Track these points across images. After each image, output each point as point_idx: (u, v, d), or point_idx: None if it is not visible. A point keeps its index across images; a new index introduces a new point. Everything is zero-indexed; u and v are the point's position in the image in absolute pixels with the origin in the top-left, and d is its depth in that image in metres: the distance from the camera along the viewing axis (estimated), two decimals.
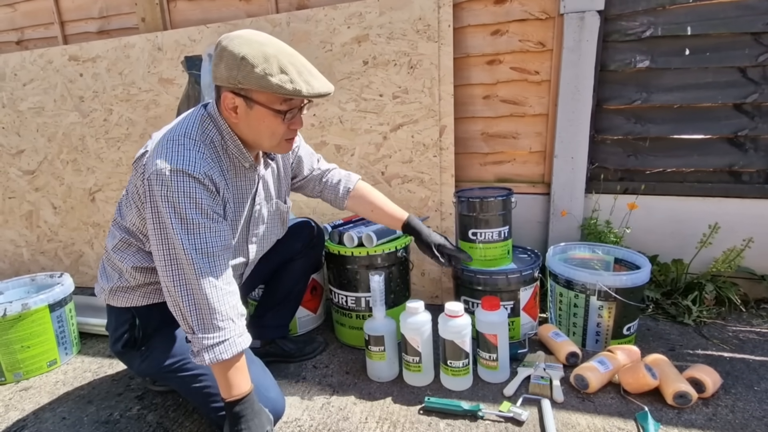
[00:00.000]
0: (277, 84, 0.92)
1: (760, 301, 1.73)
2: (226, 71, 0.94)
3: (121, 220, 1.10)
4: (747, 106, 1.66)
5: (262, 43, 0.93)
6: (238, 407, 0.97)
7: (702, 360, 1.38)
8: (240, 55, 0.91)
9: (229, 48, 0.93)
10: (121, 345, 1.15)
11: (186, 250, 0.92)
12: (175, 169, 0.92)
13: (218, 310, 0.94)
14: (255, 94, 0.96)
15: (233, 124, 1.03)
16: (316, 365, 1.49)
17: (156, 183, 0.92)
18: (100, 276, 1.18)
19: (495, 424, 1.15)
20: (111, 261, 1.13)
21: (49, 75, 2.18)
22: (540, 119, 1.84)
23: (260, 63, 0.91)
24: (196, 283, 0.93)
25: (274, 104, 0.97)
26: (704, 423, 1.12)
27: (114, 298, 1.13)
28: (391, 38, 1.75)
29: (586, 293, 1.42)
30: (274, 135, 1.02)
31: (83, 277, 2.34)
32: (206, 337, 0.93)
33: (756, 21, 1.58)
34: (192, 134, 1.00)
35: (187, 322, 0.95)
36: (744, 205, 1.69)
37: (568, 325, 1.50)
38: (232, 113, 0.99)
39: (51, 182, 2.29)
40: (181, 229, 0.92)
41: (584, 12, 1.66)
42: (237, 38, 0.94)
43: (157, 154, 0.95)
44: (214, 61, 0.96)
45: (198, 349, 0.94)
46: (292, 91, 0.92)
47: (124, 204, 1.10)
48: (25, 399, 1.41)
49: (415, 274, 1.87)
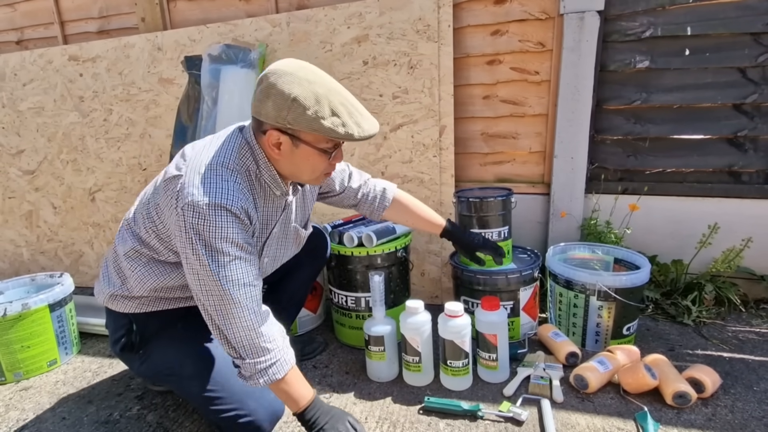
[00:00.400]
0: (329, 127, 0.90)
1: (760, 302, 1.73)
2: (274, 110, 0.90)
3: (134, 226, 1.08)
4: (746, 107, 1.66)
5: (312, 82, 0.90)
6: (308, 415, 1.00)
7: (701, 360, 1.38)
8: (291, 95, 0.88)
9: (278, 86, 0.89)
10: (119, 348, 1.15)
11: (223, 284, 0.91)
12: (213, 203, 0.90)
13: (264, 333, 0.95)
14: (303, 134, 0.94)
15: (272, 157, 1.00)
16: (315, 365, 1.49)
17: (192, 215, 0.90)
18: (102, 277, 1.16)
19: (495, 424, 1.15)
20: (118, 266, 1.12)
21: (49, 75, 2.18)
22: (540, 119, 1.84)
23: (312, 105, 0.89)
24: (239, 313, 0.93)
25: (320, 143, 0.96)
26: (704, 423, 1.12)
27: (113, 303, 1.12)
28: (391, 38, 1.75)
29: (585, 293, 1.42)
30: (315, 171, 1.02)
31: (83, 277, 2.34)
32: (258, 362, 0.94)
33: (756, 21, 1.58)
34: (229, 164, 0.96)
35: (236, 350, 0.95)
36: (743, 205, 1.69)
37: (567, 325, 1.50)
38: (275, 149, 0.97)
39: (51, 182, 2.29)
40: (218, 264, 0.91)
41: (584, 12, 1.66)
42: (286, 75, 0.90)
43: (194, 183, 0.92)
44: (259, 97, 0.93)
45: (251, 373, 0.95)
46: (345, 135, 0.91)
47: (140, 212, 1.06)
48: (25, 399, 1.41)
49: (414, 274, 1.87)
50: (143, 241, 1.06)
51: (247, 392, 1.08)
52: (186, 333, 1.14)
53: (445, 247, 1.83)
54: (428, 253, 1.87)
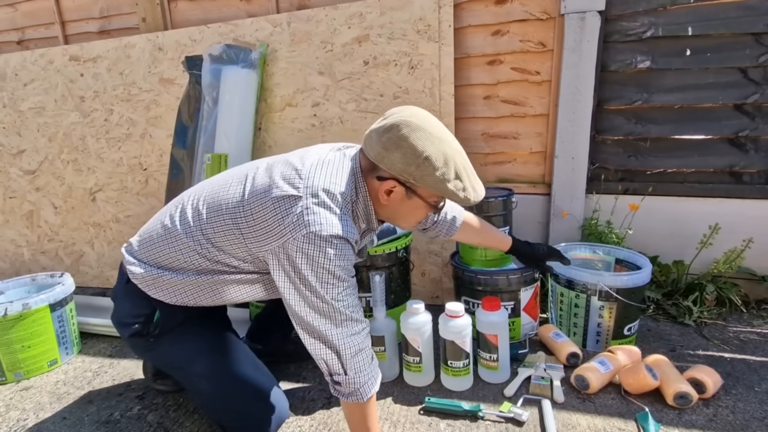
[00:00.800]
0: (452, 191, 0.92)
1: (761, 302, 1.73)
2: (402, 163, 0.90)
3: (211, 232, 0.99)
4: (748, 107, 1.66)
5: (441, 140, 0.91)
6: None
7: (702, 361, 1.38)
8: (424, 154, 0.88)
9: (410, 140, 0.88)
10: (129, 333, 1.09)
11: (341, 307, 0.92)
12: (337, 234, 0.89)
13: (365, 349, 0.96)
14: (420, 190, 0.95)
15: (375, 199, 1.00)
16: (315, 366, 1.48)
17: (318, 244, 0.88)
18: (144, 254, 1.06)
19: (495, 425, 1.15)
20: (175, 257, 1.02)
21: (50, 75, 2.18)
22: (541, 119, 1.83)
23: (441, 166, 0.89)
24: (352, 330, 0.94)
25: (431, 198, 0.97)
26: (705, 424, 1.11)
27: (151, 286, 1.04)
28: (391, 38, 1.75)
29: (587, 293, 1.42)
30: (416, 220, 1.04)
31: (84, 277, 2.34)
32: (360, 375, 0.94)
33: (757, 21, 1.58)
34: (346, 193, 0.95)
35: (342, 366, 0.94)
36: (744, 205, 1.69)
37: (568, 325, 1.50)
38: (384, 195, 0.96)
39: (52, 182, 2.29)
40: (337, 290, 0.92)
41: (585, 12, 1.66)
42: (419, 131, 0.89)
43: (317, 211, 0.89)
44: (386, 145, 0.90)
45: (352, 389, 0.94)
46: (463, 199, 0.93)
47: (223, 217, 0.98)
48: (25, 399, 1.41)
49: (415, 275, 1.86)
50: (223, 250, 0.99)
51: (255, 393, 1.07)
52: (201, 329, 1.13)
53: (446, 248, 1.83)
54: (429, 253, 1.86)
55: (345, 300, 0.93)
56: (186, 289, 1.04)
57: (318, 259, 0.89)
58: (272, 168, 0.98)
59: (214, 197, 1.01)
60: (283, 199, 0.91)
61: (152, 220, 1.11)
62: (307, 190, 0.91)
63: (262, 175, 0.98)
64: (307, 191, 0.91)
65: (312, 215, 0.89)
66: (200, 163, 1.89)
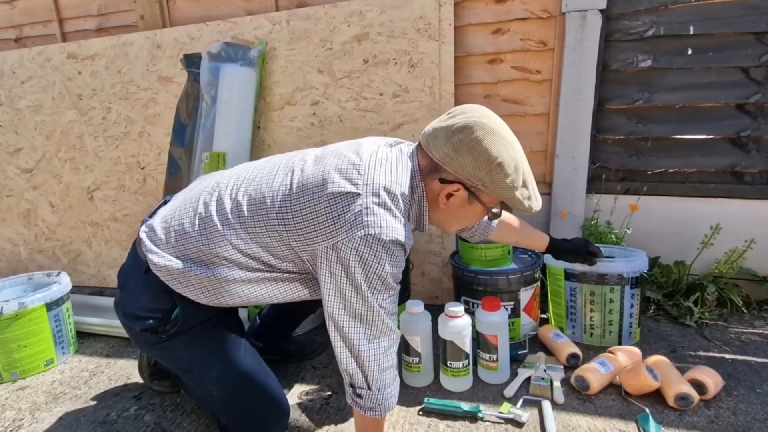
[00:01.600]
0: (519, 199, 0.90)
1: (762, 303, 1.72)
2: (472, 168, 0.86)
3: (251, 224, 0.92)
4: (749, 107, 1.65)
5: (513, 146, 0.89)
6: None
7: (703, 361, 1.37)
8: (498, 160, 0.85)
9: (484, 144, 0.85)
10: (140, 328, 0.99)
11: (380, 314, 0.88)
12: (396, 240, 0.85)
13: (395, 362, 0.94)
14: (485, 196, 0.92)
15: (431, 201, 0.95)
16: (315, 366, 1.48)
17: (375, 247, 0.83)
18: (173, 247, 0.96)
19: (495, 426, 1.14)
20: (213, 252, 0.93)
21: (48, 73, 2.17)
22: (541, 119, 1.83)
23: (512, 173, 0.87)
24: (387, 344, 0.91)
25: (491, 204, 0.95)
26: (706, 425, 1.11)
27: (178, 281, 0.95)
28: (391, 37, 1.74)
29: (621, 284, 1.40)
30: (469, 224, 1.01)
31: (81, 276, 2.33)
32: (383, 392, 0.91)
33: (759, 21, 1.57)
34: (406, 194, 0.90)
35: (367, 381, 0.91)
36: (746, 206, 1.68)
37: (602, 325, 1.46)
38: (444, 198, 0.92)
39: (49, 180, 2.28)
40: (383, 296, 0.88)
41: (586, 11, 1.65)
42: (492, 134, 0.85)
43: (378, 213, 0.84)
44: (455, 146, 0.86)
45: (373, 405, 0.91)
46: (527, 208, 0.92)
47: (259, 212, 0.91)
48: (21, 398, 1.39)
49: (414, 275, 1.86)
50: (254, 239, 0.92)
51: (265, 400, 1.06)
52: (218, 331, 1.06)
53: (446, 247, 1.82)
54: (428, 253, 1.85)
55: (387, 307, 0.90)
56: (214, 287, 0.95)
57: (372, 263, 0.84)
58: (324, 160, 0.91)
59: (256, 188, 0.93)
60: (340, 195, 0.84)
61: (178, 204, 1.00)
62: (368, 187, 0.85)
63: (312, 167, 0.90)
64: (368, 189, 0.85)
65: (372, 216, 0.83)
66: (198, 161, 1.88)
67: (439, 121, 0.90)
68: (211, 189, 0.99)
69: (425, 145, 0.92)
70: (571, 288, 1.48)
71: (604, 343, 1.46)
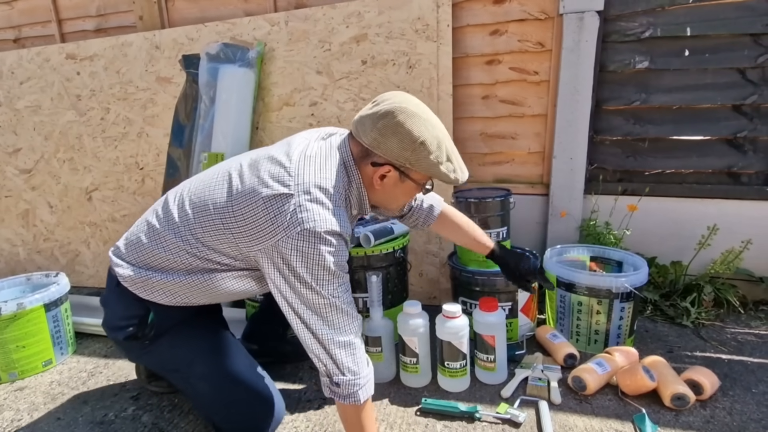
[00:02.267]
0: (444, 172, 0.96)
1: (759, 303, 1.73)
2: (398, 149, 0.92)
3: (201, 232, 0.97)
4: (746, 108, 1.66)
5: (434, 126, 0.94)
6: None
7: (700, 362, 1.38)
8: (420, 139, 0.91)
9: (406, 126, 0.91)
10: (123, 336, 1.06)
11: (338, 306, 0.92)
12: (332, 231, 0.89)
13: (362, 347, 0.97)
14: (414, 174, 0.98)
15: (368, 185, 1.01)
16: (312, 366, 1.48)
17: (313, 241, 0.88)
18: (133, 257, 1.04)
19: (492, 426, 1.14)
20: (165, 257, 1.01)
21: (46, 73, 2.17)
22: (539, 120, 1.83)
23: (435, 150, 0.93)
24: (350, 329, 0.94)
25: (421, 180, 1.01)
26: (702, 425, 1.11)
27: (143, 289, 1.02)
28: (389, 38, 1.75)
29: (610, 297, 1.39)
30: (405, 202, 1.07)
31: (79, 277, 2.33)
32: (357, 377, 0.93)
33: (755, 22, 1.58)
34: (339, 187, 0.95)
35: (338, 367, 0.93)
36: (743, 206, 1.69)
37: (588, 333, 1.45)
38: (378, 180, 0.98)
39: (47, 181, 2.28)
40: (333, 285, 0.92)
41: (583, 12, 1.66)
42: (414, 117, 0.91)
43: (310, 208, 0.89)
44: (381, 131, 0.92)
45: (350, 391, 0.93)
46: (454, 180, 0.98)
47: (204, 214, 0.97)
48: (19, 399, 1.40)
49: (412, 275, 1.86)
50: (215, 249, 0.98)
51: (253, 394, 1.07)
52: (198, 330, 1.11)
53: (444, 248, 1.83)
54: (426, 253, 1.86)
55: (341, 296, 0.93)
56: (177, 289, 1.02)
57: (313, 255, 0.89)
58: (257, 165, 0.96)
59: (199, 196, 0.99)
60: (274, 198, 0.90)
61: (137, 222, 1.10)
62: (299, 187, 0.90)
63: (248, 173, 0.96)
64: (299, 188, 0.90)
65: (305, 212, 0.88)
66: (197, 162, 1.88)
67: (366, 110, 0.96)
68: (161, 202, 1.07)
69: (355, 133, 0.97)
70: (561, 295, 1.49)
71: (590, 350, 1.46)
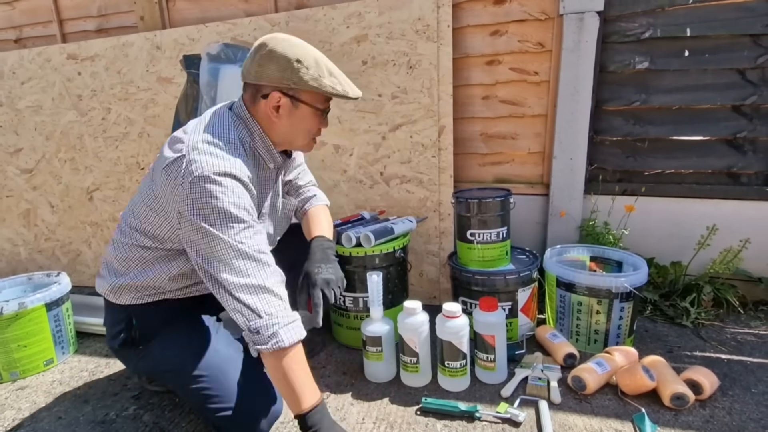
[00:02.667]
0: (329, 85, 0.99)
1: (758, 303, 1.73)
2: (278, 72, 0.97)
3: (135, 221, 1.07)
4: (746, 108, 1.66)
5: (307, 47, 1.00)
6: (311, 420, 0.93)
7: (699, 362, 1.38)
8: (295, 57, 0.96)
9: (278, 50, 0.97)
10: (118, 343, 1.14)
11: (240, 249, 0.93)
12: (223, 171, 0.92)
13: (279, 293, 0.96)
14: (303, 95, 1.01)
15: (267, 125, 1.05)
16: (313, 366, 1.48)
17: (205, 187, 0.91)
18: (104, 271, 1.15)
19: (492, 425, 1.15)
20: (120, 258, 1.10)
21: (48, 73, 2.17)
22: (539, 120, 1.83)
23: (313, 66, 0.98)
24: (260, 275, 0.94)
25: (317, 103, 1.03)
26: (701, 425, 1.11)
27: (115, 294, 1.11)
28: (390, 38, 1.75)
29: (610, 297, 1.40)
30: (309, 133, 1.08)
31: (80, 276, 2.33)
32: (276, 317, 0.93)
33: (755, 23, 1.58)
34: (228, 137, 1.00)
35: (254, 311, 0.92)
36: (742, 207, 1.69)
37: (588, 333, 1.46)
38: (273, 112, 1.02)
39: (49, 181, 2.28)
40: (234, 230, 0.93)
41: (584, 13, 1.66)
42: (284, 41, 0.98)
43: (198, 159, 0.93)
44: (259, 62, 0.98)
45: (270, 332, 0.92)
46: (342, 92, 1.01)
47: (141, 206, 1.06)
48: (21, 398, 1.40)
49: (413, 275, 1.86)
50: (146, 233, 1.06)
51: (247, 393, 1.07)
52: (187, 330, 1.13)
53: (444, 248, 1.83)
54: (427, 253, 1.86)
55: (246, 241, 0.93)
56: (141, 284, 1.09)
57: (206, 200, 0.90)
58: (163, 148, 1.04)
59: (137, 196, 1.09)
60: (170, 164, 0.95)
61: None
62: (188, 146, 0.95)
63: (158, 158, 1.04)
64: (188, 147, 0.95)
65: (194, 164, 0.92)
66: None
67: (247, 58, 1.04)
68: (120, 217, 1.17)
69: (243, 79, 1.04)
70: (561, 295, 1.50)
71: (589, 350, 1.46)
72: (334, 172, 1.91)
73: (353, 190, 1.90)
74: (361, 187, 1.89)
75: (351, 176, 1.89)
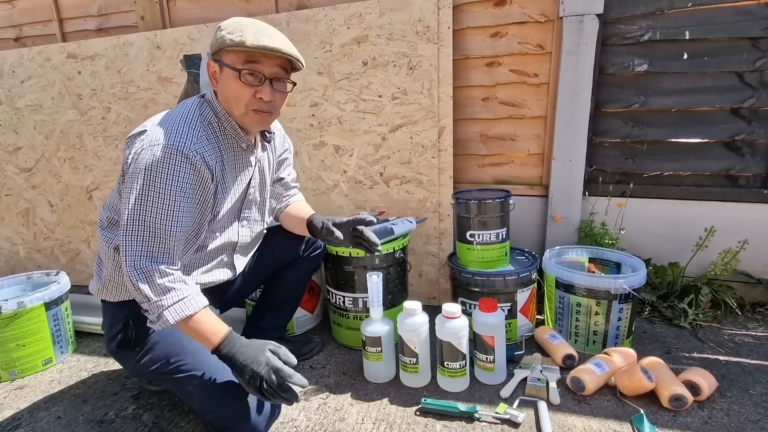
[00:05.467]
0: (228, 37, 0.98)
1: (756, 305, 1.74)
2: (211, 42, 1.04)
3: (110, 213, 1.14)
4: (744, 111, 1.67)
5: (245, 19, 1.02)
6: (225, 349, 0.98)
7: (698, 363, 1.39)
8: (219, 25, 1.01)
9: (220, 23, 1.02)
10: (115, 345, 1.14)
11: (146, 221, 0.96)
12: (166, 144, 0.96)
13: (171, 272, 0.98)
14: (222, 55, 1.02)
15: (219, 100, 1.08)
16: (313, 366, 1.49)
17: (145, 154, 0.96)
18: (96, 271, 1.19)
19: (491, 426, 1.15)
20: (109, 254, 1.14)
21: (47, 72, 2.17)
22: (538, 122, 1.84)
23: (227, 27, 1.00)
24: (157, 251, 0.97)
25: (235, 64, 1.01)
26: (699, 426, 1.12)
27: (107, 291, 1.14)
28: (390, 39, 1.76)
29: (609, 299, 1.40)
30: (239, 100, 1.04)
31: (79, 276, 2.33)
32: (161, 300, 0.96)
33: (754, 26, 1.59)
34: (189, 117, 1.04)
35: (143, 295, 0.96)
36: (740, 209, 1.70)
37: (587, 334, 1.47)
38: (214, 81, 1.07)
39: (48, 180, 2.28)
40: (156, 199, 0.96)
41: (583, 15, 1.67)
42: (231, 19, 1.02)
43: (154, 132, 0.99)
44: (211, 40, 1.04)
45: (156, 314, 0.96)
46: (238, 42, 0.97)
47: (114, 195, 1.14)
48: (20, 398, 1.40)
49: (412, 275, 1.87)
50: (115, 210, 1.13)
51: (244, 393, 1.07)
52: None
53: (444, 249, 1.83)
54: (426, 254, 1.87)
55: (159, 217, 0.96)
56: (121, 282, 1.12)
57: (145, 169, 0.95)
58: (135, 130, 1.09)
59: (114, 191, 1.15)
60: (133, 136, 1.04)
61: None
62: (150, 123, 1.04)
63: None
64: (150, 124, 1.04)
65: (150, 136, 0.98)
66: None
67: None
68: None
69: None
70: (560, 296, 1.50)
71: (588, 351, 1.47)
72: (334, 172, 1.91)
73: (353, 191, 1.90)
74: (361, 187, 1.89)
75: (351, 177, 1.89)
